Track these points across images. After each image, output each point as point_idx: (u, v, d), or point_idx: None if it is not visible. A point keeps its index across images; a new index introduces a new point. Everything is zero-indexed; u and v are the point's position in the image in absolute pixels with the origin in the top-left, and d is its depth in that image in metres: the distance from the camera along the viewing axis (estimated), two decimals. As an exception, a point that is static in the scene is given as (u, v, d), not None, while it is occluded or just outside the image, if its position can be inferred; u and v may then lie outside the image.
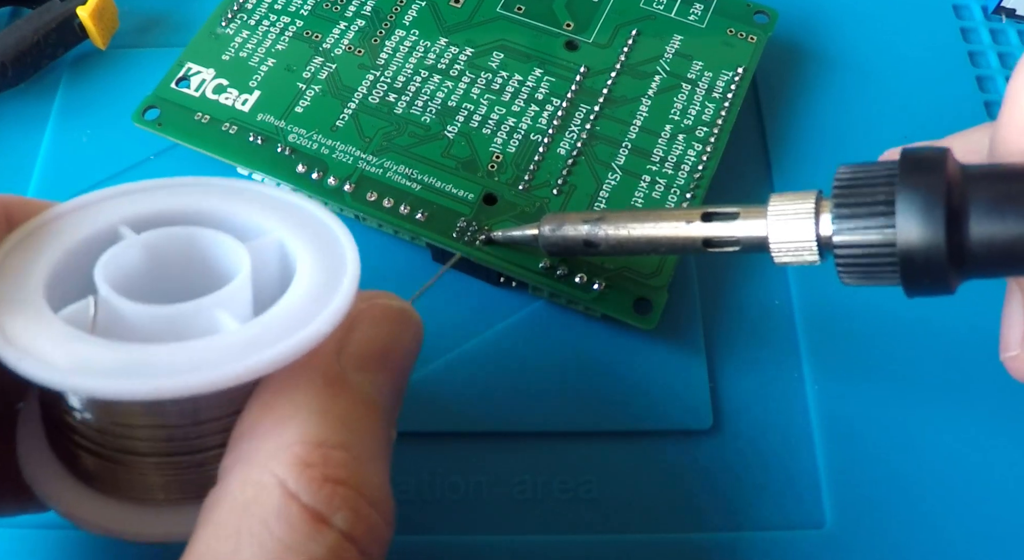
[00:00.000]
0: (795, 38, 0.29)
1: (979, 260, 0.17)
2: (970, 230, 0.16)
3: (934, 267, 0.17)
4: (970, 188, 0.17)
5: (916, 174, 0.17)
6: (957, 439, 0.23)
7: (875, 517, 0.22)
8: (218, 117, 0.26)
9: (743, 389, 0.24)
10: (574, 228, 0.22)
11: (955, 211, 0.16)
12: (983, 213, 0.16)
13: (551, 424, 0.23)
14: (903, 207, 0.17)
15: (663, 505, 0.22)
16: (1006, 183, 0.17)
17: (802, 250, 0.18)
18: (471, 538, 0.22)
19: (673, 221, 0.20)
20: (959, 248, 0.17)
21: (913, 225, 0.17)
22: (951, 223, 0.16)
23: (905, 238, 0.17)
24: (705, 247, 0.20)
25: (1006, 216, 0.16)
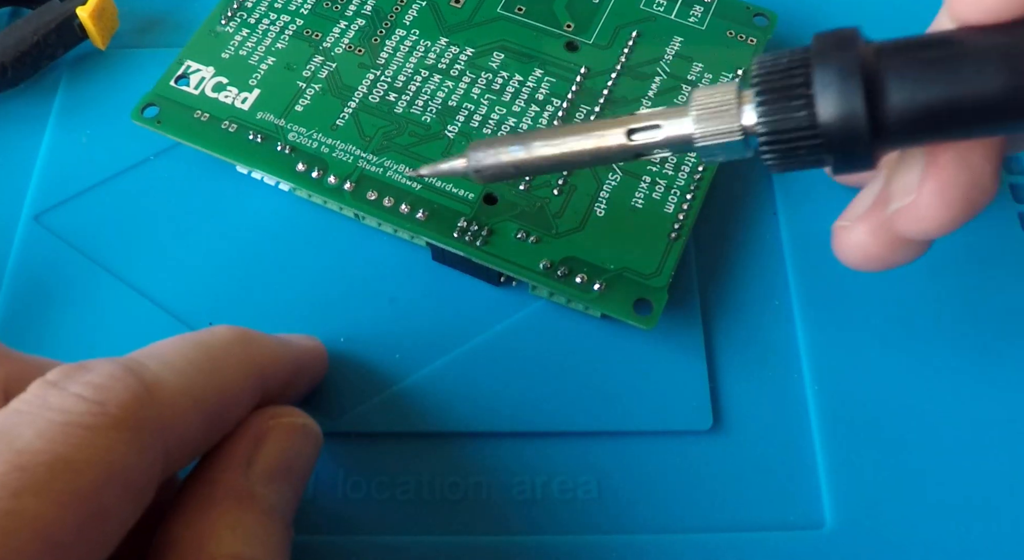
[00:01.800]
0: (795, 40, 0.29)
1: (899, 129, 0.17)
2: (888, 100, 0.17)
3: (858, 141, 0.17)
4: (883, 60, 0.17)
5: (829, 52, 0.17)
6: (958, 439, 0.23)
7: (875, 517, 0.22)
8: (218, 115, 0.25)
9: (743, 389, 0.24)
10: (504, 149, 0.21)
11: (871, 83, 0.17)
12: (898, 83, 0.17)
13: (551, 424, 0.23)
14: (820, 85, 0.17)
15: (663, 505, 0.22)
16: (917, 51, 0.17)
17: (728, 142, 0.19)
18: (471, 538, 0.22)
19: (601, 129, 0.20)
20: (879, 119, 0.17)
21: (832, 101, 0.17)
22: (869, 95, 0.17)
23: (826, 116, 0.17)
24: (631, 144, 0.20)
25: (921, 83, 0.17)
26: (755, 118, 0.18)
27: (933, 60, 0.17)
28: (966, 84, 0.17)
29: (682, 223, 0.24)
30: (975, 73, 0.17)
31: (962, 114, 0.17)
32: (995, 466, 0.23)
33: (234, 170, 0.26)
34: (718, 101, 0.19)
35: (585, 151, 0.20)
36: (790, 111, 0.17)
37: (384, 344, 0.24)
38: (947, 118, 0.17)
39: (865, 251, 0.21)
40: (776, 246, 0.26)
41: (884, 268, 0.21)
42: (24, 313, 0.24)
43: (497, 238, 0.24)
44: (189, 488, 0.18)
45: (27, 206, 0.26)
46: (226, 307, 0.24)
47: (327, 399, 0.23)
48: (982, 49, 0.17)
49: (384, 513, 0.22)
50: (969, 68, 0.17)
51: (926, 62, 0.17)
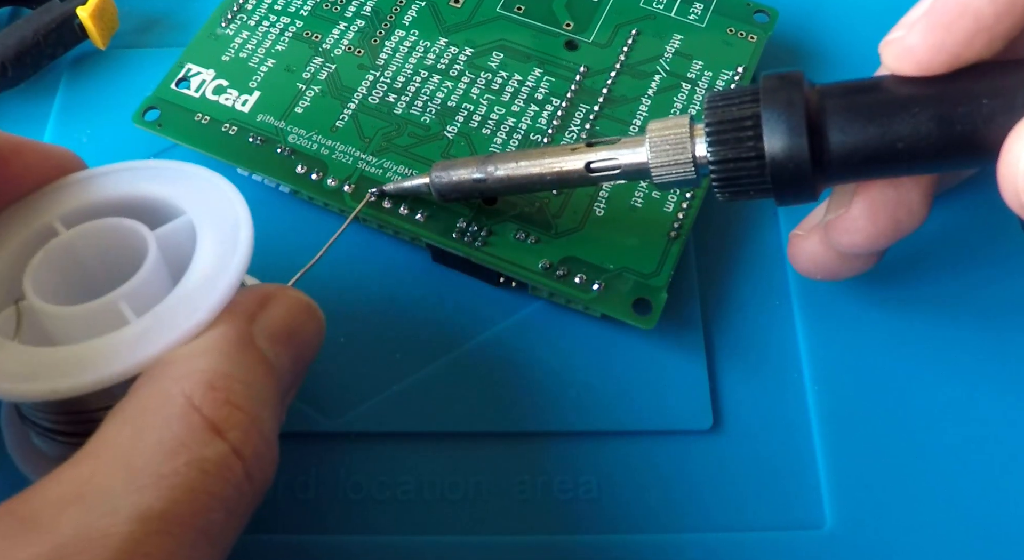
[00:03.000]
0: (795, 37, 0.29)
1: (839, 166, 0.19)
2: (829, 139, 0.18)
3: (800, 175, 0.19)
4: (826, 102, 0.19)
5: (777, 92, 0.19)
6: (958, 439, 0.23)
7: (875, 517, 0.22)
8: (218, 118, 0.26)
9: (743, 389, 0.24)
10: (464, 170, 0.23)
11: (814, 123, 0.18)
12: (839, 124, 0.18)
13: (551, 424, 0.23)
14: (768, 122, 0.19)
15: (663, 505, 0.22)
16: (856, 96, 0.19)
17: (680, 171, 0.20)
18: (471, 538, 0.22)
19: (558, 154, 0.22)
20: (821, 156, 0.19)
21: (778, 138, 0.19)
22: (812, 134, 0.18)
23: (772, 150, 0.19)
24: (589, 174, 0.21)
25: (859, 126, 0.18)
26: (706, 152, 0.19)
27: (870, 105, 0.18)
28: (898, 132, 0.18)
29: (682, 223, 0.24)
30: (908, 120, 0.18)
31: (895, 156, 0.18)
32: (995, 466, 0.23)
33: (235, 172, 0.26)
34: (672, 134, 0.20)
35: (544, 175, 0.22)
36: (739, 146, 0.19)
37: (384, 344, 0.24)
38: (882, 158, 0.18)
39: (815, 260, 0.22)
40: (776, 246, 0.26)
41: (833, 278, 0.23)
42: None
43: (496, 239, 0.24)
44: None
45: (28, 207, 0.26)
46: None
47: (327, 399, 0.23)
48: (913, 99, 0.18)
49: (384, 513, 0.22)
50: (902, 115, 0.18)
51: (864, 106, 0.18)
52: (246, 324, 0.18)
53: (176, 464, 0.15)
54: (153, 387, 0.16)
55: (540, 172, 0.22)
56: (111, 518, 0.14)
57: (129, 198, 0.20)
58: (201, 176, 0.20)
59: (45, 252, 0.19)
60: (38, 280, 0.19)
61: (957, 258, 0.25)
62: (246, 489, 0.16)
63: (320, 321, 0.20)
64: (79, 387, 0.16)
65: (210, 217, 0.19)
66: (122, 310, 0.18)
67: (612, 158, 0.21)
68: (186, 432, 0.15)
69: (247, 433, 0.16)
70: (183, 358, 0.17)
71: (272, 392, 0.17)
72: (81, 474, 0.15)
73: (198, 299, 0.18)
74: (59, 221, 0.20)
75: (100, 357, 0.17)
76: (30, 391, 0.17)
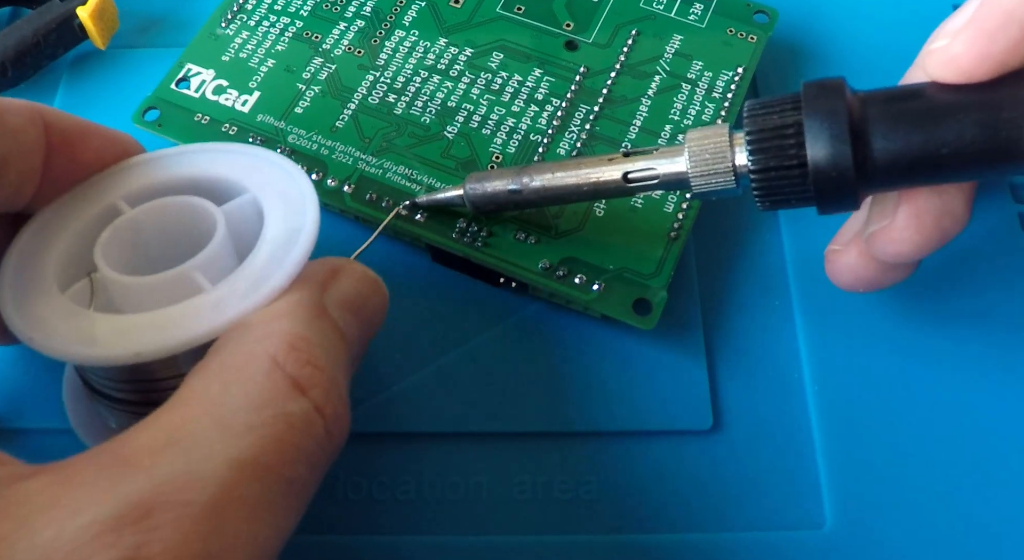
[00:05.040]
0: (795, 38, 0.29)
1: (883, 173, 0.18)
2: (873, 146, 0.18)
3: (844, 183, 0.18)
4: (869, 109, 0.18)
5: (819, 99, 0.19)
6: (958, 439, 0.23)
7: (875, 517, 0.22)
8: (218, 118, 0.26)
9: (743, 389, 0.24)
10: (499, 181, 0.22)
11: (857, 130, 0.18)
12: (883, 130, 0.18)
13: (551, 424, 0.23)
14: (811, 130, 0.18)
15: (663, 505, 0.22)
16: (899, 103, 0.18)
17: (720, 181, 0.20)
18: (471, 538, 0.22)
19: (595, 165, 0.22)
20: (864, 163, 0.18)
21: (821, 145, 0.18)
22: (855, 141, 0.18)
23: (815, 158, 0.18)
24: (627, 184, 0.21)
25: (903, 134, 0.18)
26: (746, 160, 0.19)
27: (914, 112, 0.18)
28: (943, 138, 0.18)
29: (682, 223, 0.24)
30: (952, 127, 0.18)
31: (939, 162, 0.18)
32: (995, 466, 0.23)
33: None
34: (711, 144, 0.20)
35: (581, 186, 0.22)
36: (781, 154, 0.19)
37: (384, 344, 0.24)
38: (926, 165, 0.18)
39: (856, 273, 0.22)
40: (776, 246, 0.26)
41: (874, 289, 0.22)
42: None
43: (496, 239, 0.24)
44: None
45: (28, 207, 0.26)
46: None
47: (328, 400, 0.23)
48: (958, 105, 0.18)
49: (384, 513, 0.22)
50: (947, 122, 0.18)
51: (908, 113, 0.18)
52: (319, 293, 0.18)
53: (264, 416, 0.16)
54: (236, 346, 0.17)
55: (576, 183, 0.22)
56: (206, 463, 0.15)
57: (189, 178, 0.21)
58: (261, 155, 0.21)
59: (113, 228, 0.20)
60: (109, 254, 0.19)
61: (956, 259, 0.25)
62: (326, 445, 0.17)
63: (385, 296, 0.20)
64: (160, 349, 0.17)
65: (274, 194, 0.20)
66: (197, 279, 0.18)
67: (650, 168, 0.21)
68: (272, 388, 0.16)
69: (327, 392, 0.17)
70: (263, 321, 0.17)
71: (345, 358, 0.18)
72: (174, 420, 0.16)
73: (271, 268, 0.18)
74: (123, 200, 0.20)
75: (180, 321, 0.18)
76: (113, 355, 0.17)
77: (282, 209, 0.20)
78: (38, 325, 0.18)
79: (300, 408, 0.16)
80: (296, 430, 0.16)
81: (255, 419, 0.16)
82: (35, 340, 0.18)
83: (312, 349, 0.17)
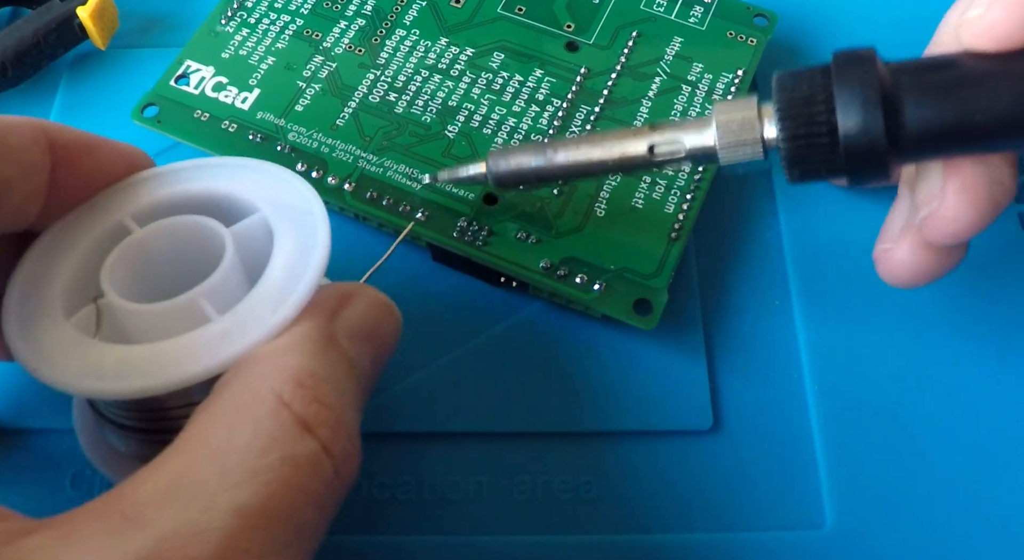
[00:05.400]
0: (795, 40, 0.29)
1: (915, 142, 0.18)
2: (905, 115, 0.18)
3: (875, 151, 0.18)
4: (900, 79, 0.18)
5: (849, 69, 0.18)
6: (958, 439, 0.23)
7: (875, 517, 0.22)
8: (218, 115, 0.25)
9: (743, 389, 0.24)
10: (524, 155, 0.22)
11: (889, 101, 0.18)
12: (914, 102, 0.18)
13: (551, 424, 0.23)
14: (842, 100, 0.18)
15: (663, 505, 0.22)
16: (931, 73, 0.18)
17: (749, 152, 0.20)
18: (471, 538, 0.22)
19: (621, 137, 0.21)
20: (895, 134, 0.18)
21: (852, 113, 0.18)
22: (887, 111, 0.18)
23: (846, 126, 0.18)
24: (652, 158, 0.21)
25: (935, 103, 0.18)
26: (776, 131, 0.19)
27: (946, 82, 0.18)
28: (977, 106, 0.18)
29: (682, 223, 0.24)
30: (985, 96, 0.18)
31: (973, 132, 0.18)
32: (996, 466, 0.23)
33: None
34: (740, 116, 0.20)
35: (606, 161, 0.21)
36: (811, 122, 0.18)
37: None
38: (958, 136, 0.18)
39: (912, 268, 0.21)
40: (776, 246, 0.26)
41: (932, 280, 0.22)
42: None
43: (497, 238, 0.24)
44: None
45: (27, 206, 0.26)
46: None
47: (327, 399, 0.23)
48: (991, 74, 0.18)
49: (384, 513, 0.22)
50: (979, 91, 0.18)
51: (940, 84, 0.18)
52: (328, 322, 0.18)
53: (270, 460, 0.15)
54: (241, 384, 0.16)
55: (602, 157, 0.21)
56: (210, 513, 0.14)
57: (200, 195, 0.20)
58: (272, 173, 0.20)
59: (120, 250, 0.19)
60: (115, 278, 0.19)
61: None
62: (335, 486, 0.16)
63: (398, 320, 0.20)
64: (169, 385, 0.17)
65: (285, 214, 0.19)
66: (204, 307, 0.18)
67: (677, 140, 0.20)
68: (277, 429, 0.16)
69: (335, 431, 0.16)
70: (269, 355, 0.17)
71: (355, 391, 0.18)
72: (175, 469, 0.15)
73: (280, 297, 0.18)
74: (131, 219, 0.20)
75: (186, 355, 0.17)
76: (121, 389, 0.17)
77: (293, 232, 0.19)
78: (44, 356, 0.17)
79: (307, 449, 0.16)
80: (303, 473, 0.15)
81: (260, 463, 0.15)
82: (40, 372, 0.17)
83: (320, 385, 0.16)
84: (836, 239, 0.26)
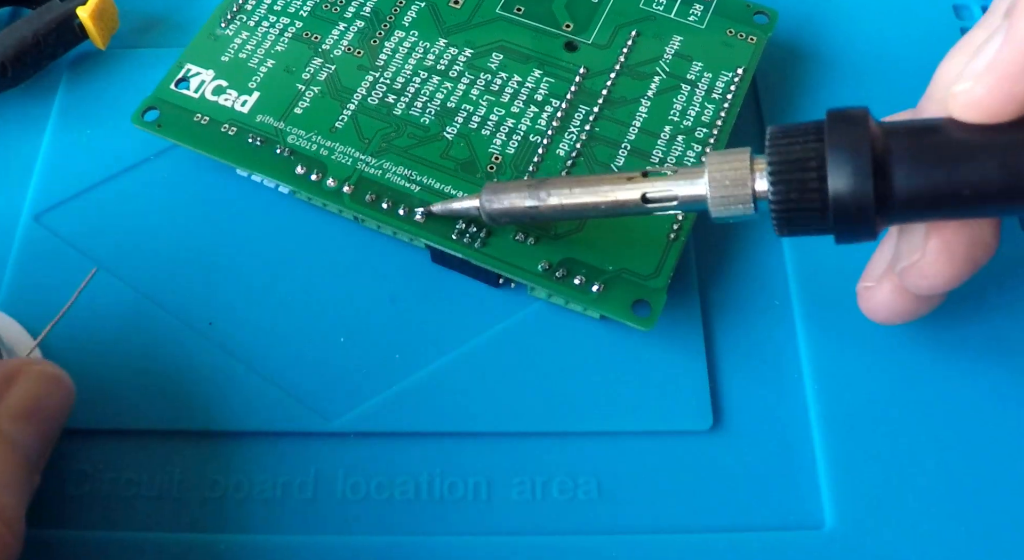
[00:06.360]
0: (795, 39, 0.29)
1: (902, 208, 0.19)
2: (894, 182, 0.18)
3: (863, 217, 0.18)
4: (891, 143, 0.18)
5: (842, 130, 0.19)
6: (958, 439, 0.23)
7: (876, 518, 0.22)
8: (217, 118, 0.26)
9: (743, 389, 0.24)
10: (516, 196, 0.22)
11: (879, 165, 0.18)
12: (904, 167, 0.18)
13: (551, 424, 0.23)
14: (833, 163, 0.18)
15: (663, 505, 0.22)
16: (922, 138, 0.19)
17: (739, 205, 0.20)
18: (471, 538, 0.22)
19: (613, 183, 0.21)
20: (884, 198, 0.18)
21: (843, 180, 0.18)
22: (877, 177, 0.18)
23: (836, 192, 0.18)
24: (645, 205, 0.21)
25: (925, 170, 0.18)
26: (767, 187, 0.19)
27: (938, 149, 0.18)
28: (965, 177, 0.18)
29: (681, 224, 0.24)
30: (974, 168, 0.18)
31: (960, 200, 0.18)
32: (996, 466, 0.23)
33: (234, 173, 0.26)
34: (732, 172, 0.20)
35: (599, 205, 0.22)
36: (803, 187, 0.19)
37: (384, 344, 0.24)
38: (946, 203, 0.18)
39: (890, 308, 0.22)
40: (776, 246, 0.26)
41: (910, 319, 0.23)
42: (24, 313, 0.24)
43: (496, 239, 0.24)
44: None
45: (27, 206, 0.26)
46: (226, 307, 0.25)
47: (327, 399, 0.23)
48: (981, 146, 0.18)
49: (383, 513, 0.22)
50: (969, 163, 0.18)
51: (930, 151, 0.18)
52: None
53: None
54: None
55: (595, 201, 0.22)
56: None
57: None
58: None
59: None
60: None
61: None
62: None
63: (69, 388, 0.20)
64: None
65: None
66: None
67: (669, 190, 0.21)
68: None
69: None
70: None
71: (16, 472, 0.18)
72: None
73: None
74: None
75: None
76: None
77: None
78: None
79: None
80: None
81: None
82: None
83: None
84: (836, 238, 0.26)
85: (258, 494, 0.22)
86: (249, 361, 0.24)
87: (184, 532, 0.22)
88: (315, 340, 0.24)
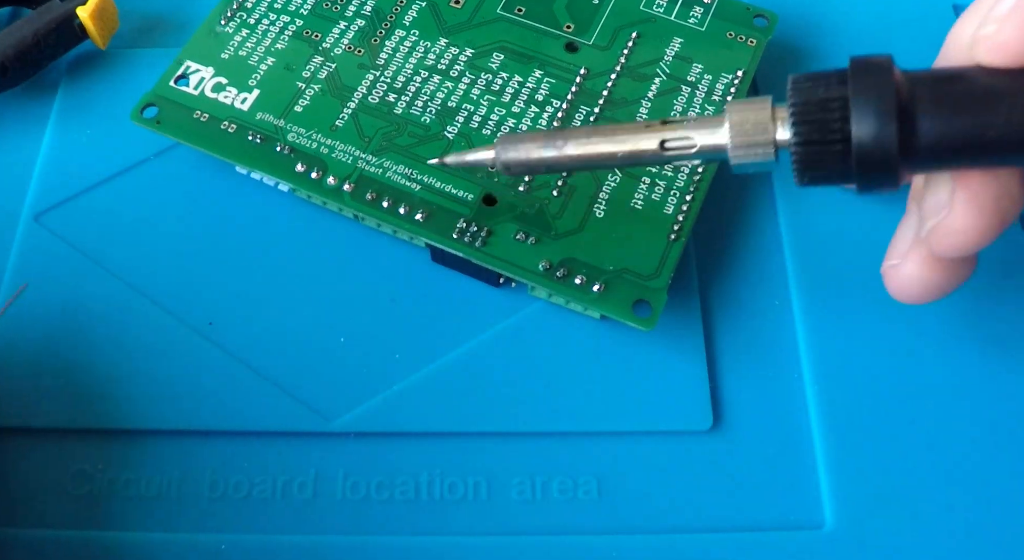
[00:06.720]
0: (795, 41, 0.29)
1: (927, 155, 0.18)
2: (919, 128, 0.18)
3: (886, 162, 0.18)
4: (916, 89, 0.18)
5: (867, 77, 0.18)
6: (959, 439, 0.23)
7: (876, 518, 0.22)
8: (217, 116, 0.25)
9: (743, 389, 0.24)
10: (533, 145, 0.22)
11: (904, 110, 0.18)
12: (929, 113, 0.18)
13: (551, 424, 0.23)
14: (857, 106, 0.18)
15: (663, 505, 0.22)
16: (947, 85, 0.18)
17: (760, 153, 0.20)
18: (471, 538, 0.22)
19: (632, 131, 0.21)
20: (908, 145, 0.18)
21: (867, 122, 0.18)
22: (901, 121, 0.18)
23: (859, 135, 0.18)
24: (663, 152, 0.21)
25: (950, 117, 0.18)
26: (789, 135, 0.19)
27: (961, 95, 0.18)
28: (990, 121, 0.18)
29: (681, 224, 0.24)
30: (998, 112, 0.18)
31: (985, 145, 0.18)
32: (996, 466, 0.23)
33: (234, 170, 0.26)
34: (753, 117, 0.19)
35: (616, 154, 0.21)
36: (825, 128, 0.18)
37: (384, 344, 0.24)
38: (971, 150, 0.18)
39: (920, 283, 0.21)
40: (776, 246, 0.26)
41: (941, 295, 0.22)
42: (24, 313, 0.24)
43: (496, 239, 0.24)
44: None
45: (27, 206, 0.26)
46: (226, 307, 0.25)
47: (327, 399, 0.23)
48: (1007, 89, 0.18)
49: (383, 513, 0.22)
50: (995, 106, 0.18)
51: (956, 96, 0.18)
52: None
53: None
54: None
55: (612, 150, 0.21)
56: None
57: None
58: None
59: None
60: None
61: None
62: None
63: None
64: None
65: None
66: None
67: (688, 137, 0.20)
68: None
69: None
70: None
71: None
72: None
73: None
74: None
75: None
76: None
77: None
78: None
79: None
80: None
81: None
82: None
83: None
84: (836, 239, 0.26)
85: (258, 494, 0.22)
86: (249, 361, 0.24)
87: (184, 532, 0.22)
88: (315, 340, 0.24)
